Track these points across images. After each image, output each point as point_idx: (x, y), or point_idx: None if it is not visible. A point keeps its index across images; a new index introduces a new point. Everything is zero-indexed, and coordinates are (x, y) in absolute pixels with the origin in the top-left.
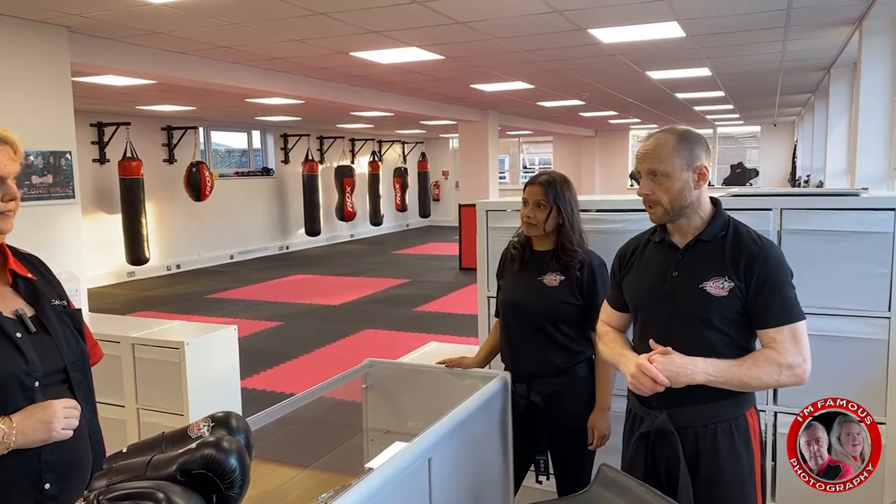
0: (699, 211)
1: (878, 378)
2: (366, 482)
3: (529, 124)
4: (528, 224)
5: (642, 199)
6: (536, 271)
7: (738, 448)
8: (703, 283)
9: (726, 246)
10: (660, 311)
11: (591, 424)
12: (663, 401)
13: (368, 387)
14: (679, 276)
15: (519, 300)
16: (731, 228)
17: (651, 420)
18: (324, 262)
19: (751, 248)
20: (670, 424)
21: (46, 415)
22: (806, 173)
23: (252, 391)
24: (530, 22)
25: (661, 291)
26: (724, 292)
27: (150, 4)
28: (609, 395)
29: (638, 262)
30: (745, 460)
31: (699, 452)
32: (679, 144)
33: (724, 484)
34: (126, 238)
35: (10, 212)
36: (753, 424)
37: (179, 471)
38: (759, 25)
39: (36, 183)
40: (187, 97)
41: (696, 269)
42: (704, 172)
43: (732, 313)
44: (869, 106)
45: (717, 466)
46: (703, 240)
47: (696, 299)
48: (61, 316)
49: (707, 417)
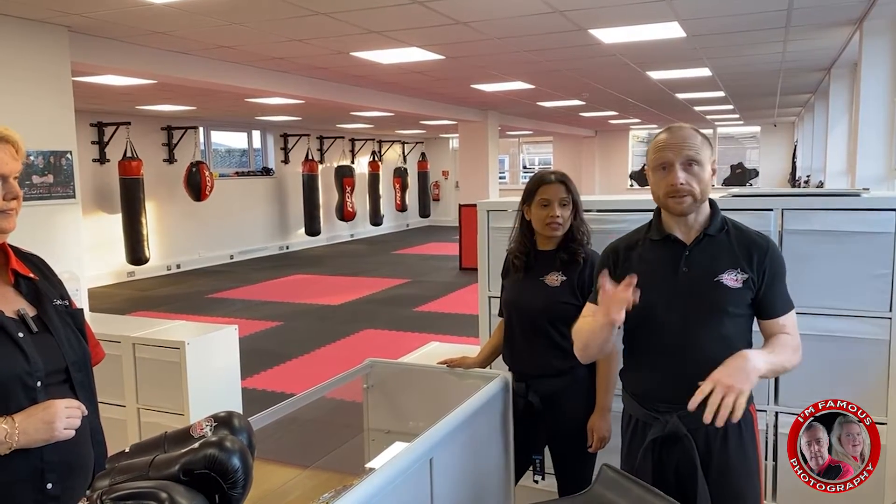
0: (704, 208)
1: (878, 378)
2: (367, 482)
3: (529, 124)
4: (555, 225)
5: (671, 188)
6: (540, 271)
7: (746, 442)
8: (719, 275)
9: (732, 240)
10: (672, 308)
11: (590, 426)
12: (672, 404)
13: (369, 387)
14: (690, 271)
15: (520, 300)
16: (730, 224)
17: (661, 425)
18: (324, 262)
19: (760, 243)
20: (683, 427)
21: (48, 415)
22: (806, 174)
23: (252, 391)
24: (531, 22)
25: (674, 288)
26: (739, 284)
27: (150, 4)
28: (610, 396)
29: (638, 262)
30: (751, 454)
31: (710, 451)
32: (703, 139)
33: (735, 479)
34: (126, 238)
35: (12, 211)
36: (753, 418)
37: (182, 470)
38: (759, 26)
39: (36, 183)
40: (187, 97)
41: (709, 263)
42: (715, 168)
43: (744, 304)
44: (869, 106)
45: (728, 462)
46: (710, 234)
47: (714, 292)
48: (63, 316)
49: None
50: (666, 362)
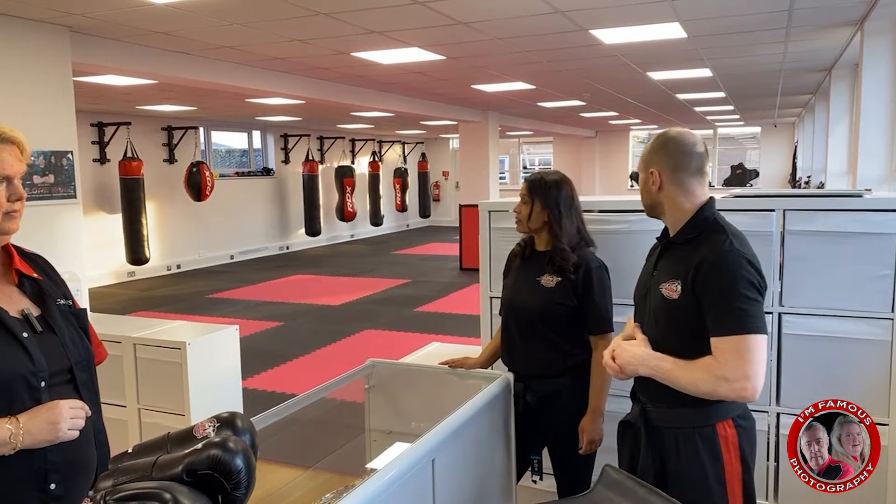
0: (674, 213)
1: (881, 379)
2: (370, 483)
3: (529, 125)
4: (517, 220)
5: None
6: (536, 271)
7: (702, 457)
8: (662, 284)
9: (690, 251)
10: (642, 307)
11: (581, 427)
12: (643, 395)
13: (371, 387)
14: (655, 275)
15: (516, 300)
16: (703, 235)
17: (631, 411)
18: (324, 263)
19: (703, 255)
20: (640, 419)
21: (53, 415)
22: (806, 174)
23: (252, 391)
24: (532, 23)
25: (646, 288)
26: (675, 295)
27: (151, 4)
28: (602, 399)
29: (647, 259)
30: (709, 470)
31: (662, 454)
32: (647, 148)
33: (686, 489)
34: (126, 238)
35: (17, 212)
36: (725, 436)
37: (185, 471)
38: (760, 26)
39: (37, 183)
40: (188, 97)
41: (662, 271)
42: (656, 178)
43: (683, 316)
44: (870, 107)
45: (679, 470)
46: (674, 242)
47: (656, 300)
48: (67, 316)
49: (671, 421)
50: None
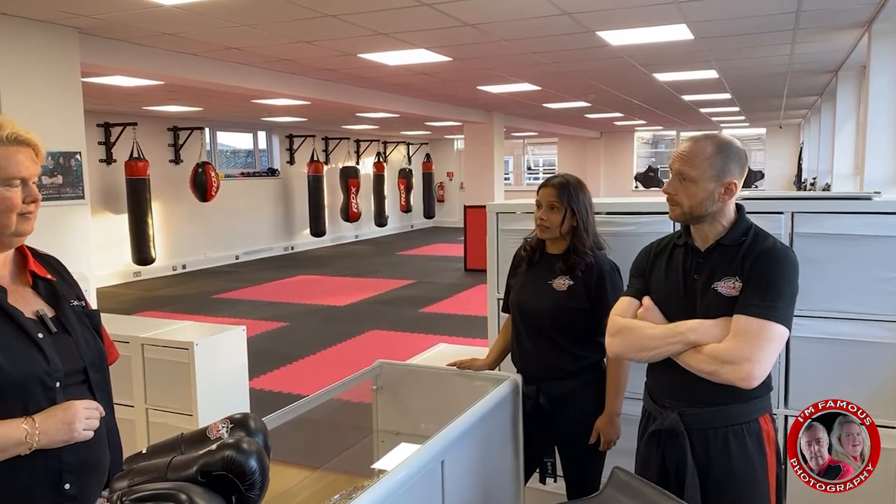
0: (721, 219)
1: (889, 382)
2: (379, 484)
3: (534, 126)
4: (542, 227)
5: (666, 195)
6: (547, 274)
7: (751, 452)
8: (716, 283)
9: (742, 250)
10: (681, 311)
11: (597, 427)
12: (675, 401)
13: (379, 388)
14: (699, 278)
15: (527, 303)
16: (750, 236)
17: (662, 419)
18: (329, 263)
19: (762, 249)
20: (680, 424)
21: (68, 415)
22: (812, 176)
23: (259, 391)
24: (539, 24)
25: (683, 294)
26: (735, 292)
27: (159, 6)
28: (619, 401)
29: (665, 264)
30: (757, 465)
31: (710, 455)
32: (715, 155)
33: (736, 489)
34: (132, 238)
35: (31, 213)
36: (768, 430)
37: (200, 472)
38: (767, 28)
39: (46, 183)
40: (194, 98)
41: (713, 271)
42: (732, 189)
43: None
44: (877, 109)
45: (729, 470)
46: (723, 244)
47: (710, 300)
48: (80, 316)
49: (718, 420)
50: (671, 361)
